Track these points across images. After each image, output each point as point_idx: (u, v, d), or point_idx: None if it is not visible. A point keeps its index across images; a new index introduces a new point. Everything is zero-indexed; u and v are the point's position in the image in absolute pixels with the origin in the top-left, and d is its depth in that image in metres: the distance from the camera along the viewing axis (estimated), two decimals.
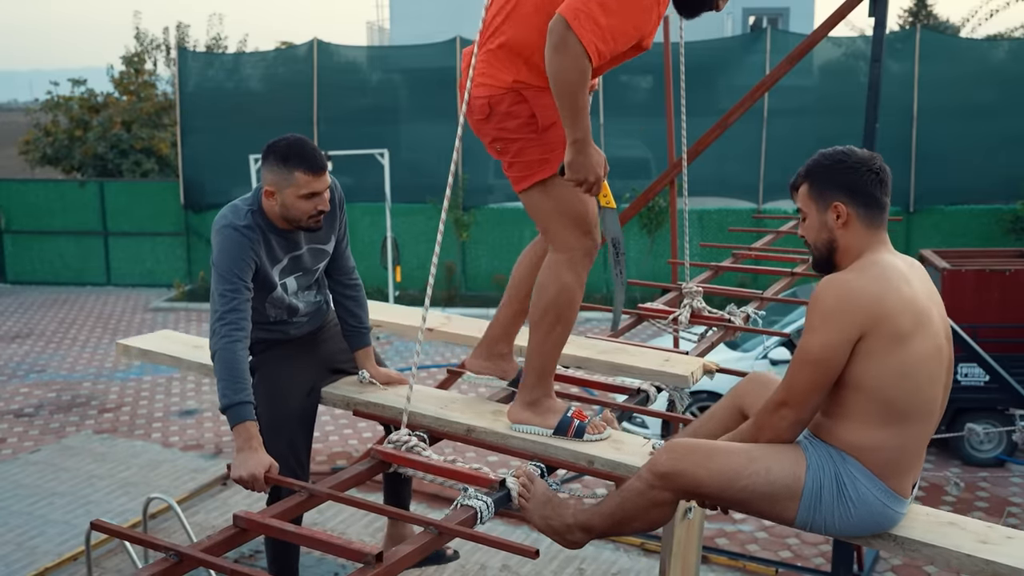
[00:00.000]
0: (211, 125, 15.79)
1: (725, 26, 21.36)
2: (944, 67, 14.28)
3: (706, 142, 6.12)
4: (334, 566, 6.27)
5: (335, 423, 9.42)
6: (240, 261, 2.78)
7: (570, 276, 2.68)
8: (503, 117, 2.59)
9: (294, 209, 2.82)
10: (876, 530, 2.31)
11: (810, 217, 2.41)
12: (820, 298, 2.25)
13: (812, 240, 2.42)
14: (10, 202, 16.39)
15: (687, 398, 3.36)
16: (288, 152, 2.78)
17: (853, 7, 5.80)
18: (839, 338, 2.20)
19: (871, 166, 2.35)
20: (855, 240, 2.34)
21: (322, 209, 2.85)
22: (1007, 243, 13.23)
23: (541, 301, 2.71)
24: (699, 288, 4.19)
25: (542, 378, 2.76)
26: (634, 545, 6.83)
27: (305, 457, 3.05)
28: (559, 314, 2.70)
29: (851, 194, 2.34)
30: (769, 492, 2.28)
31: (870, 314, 2.19)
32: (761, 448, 2.33)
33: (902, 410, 2.23)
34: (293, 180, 2.77)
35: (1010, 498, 7.91)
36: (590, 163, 2.49)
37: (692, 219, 12.49)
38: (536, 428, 2.73)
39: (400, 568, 2.19)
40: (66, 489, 7.59)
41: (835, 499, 2.27)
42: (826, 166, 2.38)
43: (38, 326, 13.78)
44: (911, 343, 2.21)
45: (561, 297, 2.68)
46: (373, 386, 3.13)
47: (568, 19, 2.33)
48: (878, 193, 2.35)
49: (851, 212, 2.33)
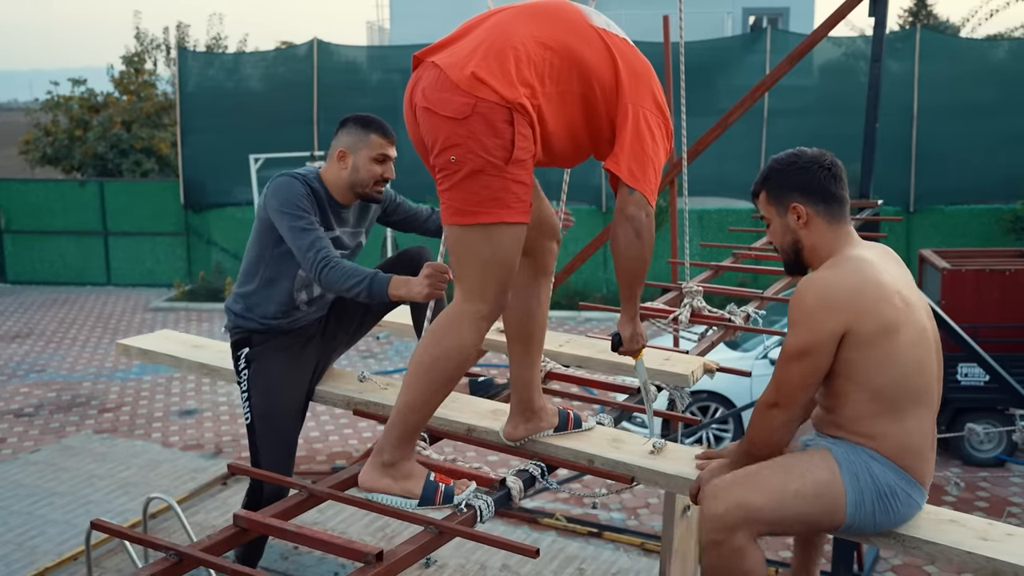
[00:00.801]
0: (211, 125, 15.79)
1: (725, 26, 21.37)
2: (944, 67, 14.28)
3: (706, 142, 6.11)
4: (334, 566, 6.27)
5: (335, 423, 9.42)
6: (302, 198, 2.94)
7: (472, 336, 2.36)
8: (484, 130, 2.23)
9: (364, 171, 3.03)
10: (900, 523, 2.32)
11: (773, 222, 2.45)
12: (800, 297, 2.27)
13: (778, 244, 2.46)
14: (10, 202, 16.40)
15: (687, 397, 3.36)
16: (368, 118, 3.08)
17: (853, 7, 5.80)
18: (823, 336, 2.23)
19: (822, 162, 2.39)
20: (819, 238, 2.38)
21: (388, 176, 3.08)
22: (1007, 243, 13.23)
23: (434, 350, 2.36)
24: (699, 287, 4.20)
25: (405, 439, 2.43)
26: (634, 545, 6.84)
27: (294, 448, 3.17)
28: (449, 373, 2.38)
29: (807, 193, 2.38)
30: (817, 492, 2.28)
31: (851, 309, 2.21)
32: (784, 458, 2.34)
33: (892, 398, 2.26)
34: (369, 141, 3.03)
35: (1010, 498, 7.91)
36: (643, 333, 2.62)
37: (692, 219, 12.48)
38: (398, 499, 2.43)
39: (400, 568, 2.19)
40: (66, 489, 7.59)
41: (874, 493, 2.27)
42: (779, 170, 2.42)
43: (38, 326, 13.78)
44: (896, 332, 2.24)
45: (456, 354, 2.36)
46: (373, 386, 3.14)
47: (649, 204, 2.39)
48: (833, 188, 2.38)
49: (810, 211, 2.37)
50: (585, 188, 14.66)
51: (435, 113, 2.27)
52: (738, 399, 8.67)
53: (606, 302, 13.28)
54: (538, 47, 2.31)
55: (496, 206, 2.27)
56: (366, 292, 2.80)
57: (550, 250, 2.65)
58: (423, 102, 2.30)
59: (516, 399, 2.71)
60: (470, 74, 2.23)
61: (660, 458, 2.64)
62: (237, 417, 9.73)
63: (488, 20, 2.41)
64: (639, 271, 2.50)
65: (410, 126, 2.42)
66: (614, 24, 2.50)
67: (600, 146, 2.49)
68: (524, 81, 2.26)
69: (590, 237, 6.85)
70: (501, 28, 2.34)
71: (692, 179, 4.62)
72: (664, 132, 2.48)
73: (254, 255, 3.10)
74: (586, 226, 13.68)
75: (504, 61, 2.26)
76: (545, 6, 2.43)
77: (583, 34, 2.38)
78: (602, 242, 6.29)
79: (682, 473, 2.56)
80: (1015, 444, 7.97)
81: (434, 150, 2.30)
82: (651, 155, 2.42)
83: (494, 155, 2.24)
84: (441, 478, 2.48)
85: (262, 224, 3.05)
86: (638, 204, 2.41)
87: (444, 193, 2.32)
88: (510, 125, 2.24)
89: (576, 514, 7.39)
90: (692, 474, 2.55)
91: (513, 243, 2.33)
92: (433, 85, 2.28)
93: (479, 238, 2.30)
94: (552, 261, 2.67)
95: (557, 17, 2.39)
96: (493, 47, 2.28)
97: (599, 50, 2.37)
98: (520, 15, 2.39)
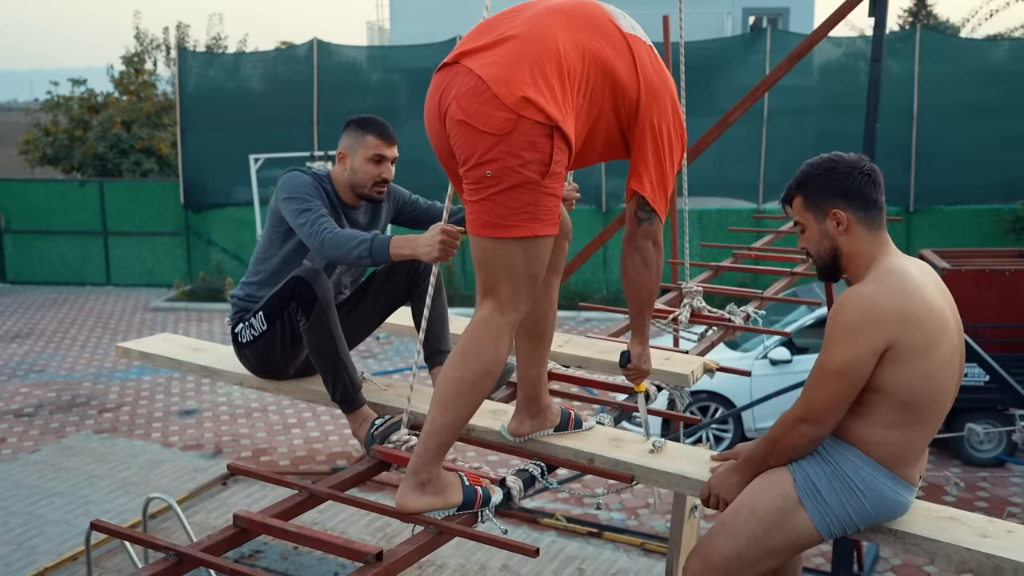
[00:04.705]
0: (211, 125, 15.79)
1: (725, 26, 21.37)
2: (944, 67, 14.28)
3: (706, 142, 6.11)
4: (334, 566, 6.27)
5: (335, 423, 9.42)
6: (309, 187, 2.98)
7: (507, 345, 2.34)
8: (524, 145, 2.17)
9: (361, 172, 3.06)
10: (891, 516, 2.32)
11: (809, 228, 2.39)
12: (843, 313, 2.22)
13: (814, 250, 2.40)
14: (10, 202, 16.40)
15: (687, 397, 3.36)
16: (365, 120, 3.11)
17: (853, 7, 5.80)
18: (864, 353, 2.19)
19: (861, 168, 2.34)
20: (859, 244, 2.33)
21: (386, 177, 3.09)
22: (1007, 243, 13.23)
23: (476, 366, 2.30)
24: (699, 288, 4.20)
25: (440, 456, 2.38)
26: (634, 545, 6.84)
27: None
28: (488, 386, 2.35)
29: (848, 199, 2.32)
30: (771, 523, 2.29)
31: (895, 327, 2.18)
32: (743, 495, 2.36)
33: (923, 412, 2.25)
34: (365, 142, 3.05)
35: (1010, 498, 7.91)
36: (649, 356, 2.70)
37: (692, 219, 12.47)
38: (442, 512, 2.40)
39: (400, 568, 2.20)
40: (66, 489, 7.59)
41: (838, 490, 2.27)
42: (817, 175, 2.36)
43: (38, 326, 13.78)
44: (935, 348, 2.21)
45: (496, 367, 2.33)
46: (373, 387, 3.14)
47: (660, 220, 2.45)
48: (873, 194, 2.34)
49: (850, 217, 2.32)
50: (585, 188, 14.66)
51: (472, 127, 2.19)
52: (738, 399, 8.68)
53: (606, 302, 13.29)
54: (579, 58, 2.26)
55: (529, 220, 2.23)
56: (367, 253, 2.76)
57: (562, 249, 2.67)
58: (459, 114, 2.21)
59: (523, 396, 2.72)
60: (520, 97, 2.15)
61: (660, 457, 2.65)
62: (237, 417, 9.73)
63: (522, 19, 2.29)
64: (648, 299, 2.56)
65: (434, 131, 2.33)
66: (639, 27, 2.47)
67: (612, 151, 2.50)
68: (568, 99, 2.24)
69: (590, 237, 6.84)
70: (541, 34, 2.25)
71: (692, 179, 4.62)
72: (680, 141, 2.50)
73: (263, 247, 3.16)
74: (586, 226, 13.67)
75: (549, 77, 2.19)
76: (579, 9, 2.36)
77: (614, 43, 2.35)
78: (602, 242, 6.28)
79: (682, 472, 2.56)
80: (1015, 444, 7.97)
81: (468, 163, 2.23)
82: (670, 170, 2.47)
83: (532, 170, 2.19)
84: (473, 479, 2.48)
85: (272, 217, 3.11)
86: (646, 234, 2.45)
87: (474, 204, 2.26)
88: (549, 140, 2.19)
89: (576, 514, 7.39)
90: (691, 472, 2.55)
91: (544, 255, 2.33)
92: (471, 96, 2.19)
93: (513, 251, 2.27)
94: (563, 259, 2.70)
95: (591, 22, 2.34)
96: (539, 60, 2.20)
97: (627, 62, 2.36)
98: (557, 16, 2.30)
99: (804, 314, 9.07)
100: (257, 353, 3.13)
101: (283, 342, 3.03)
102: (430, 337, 3.13)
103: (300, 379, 3.25)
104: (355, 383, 2.95)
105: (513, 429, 2.74)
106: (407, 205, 3.36)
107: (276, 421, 9.62)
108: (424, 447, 2.35)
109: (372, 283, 3.30)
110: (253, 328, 3.06)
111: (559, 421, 2.77)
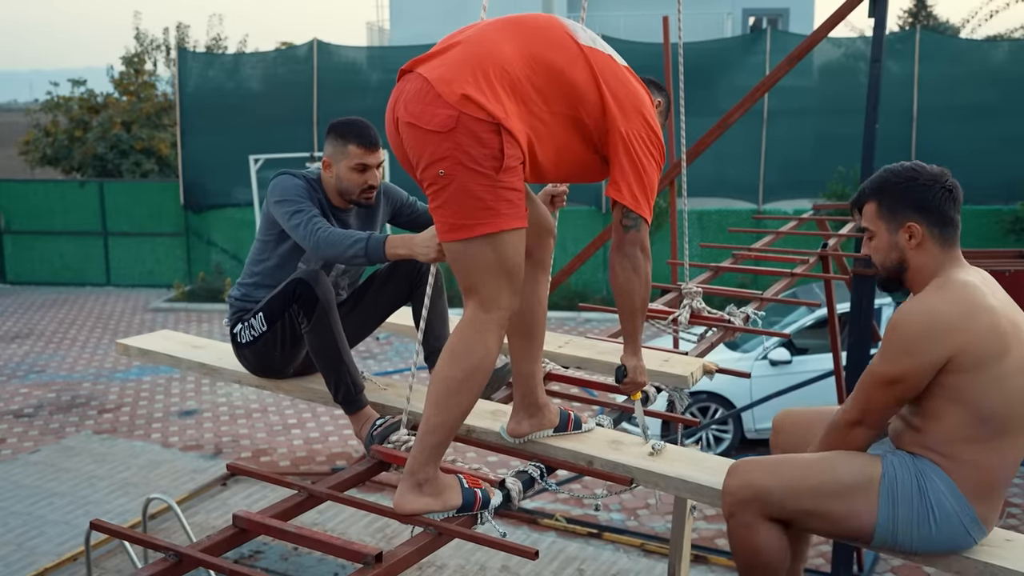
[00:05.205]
0: (211, 125, 15.80)
1: (725, 27, 21.39)
2: (944, 68, 14.29)
3: (706, 142, 6.12)
4: (334, 567, 6.27)
5: (335, 423, 9.42)
6: (299, 189, 2.96)
7: (495, 341, 2.34)
8: (470, 141, 2.19)
9: (346, 180, 3.02)
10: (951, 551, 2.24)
11: (878, 237, 2.32)
12: (905, 323, 2.18)
13: (880, 260, 2.34)
14: (10, 202, 16.40)
15: (687, 398, 3.36)
16: (345, 127, 3.02)
17: (853, 7, 5.80)
18: (924, 364, 2.16)
19: (944, 183, 2.27)
20: (929, 260, 2.27)
21: (372, 184, 3.04)
22: (1007, 243, 13.23)
23: (465, 364, 2.32)
24: (699, 288, 4.20)
25: (437, 455, 2.39)
26: (634, 546, 6.84)
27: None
28: (480, 383, 2.35)
29: (924, 213, 2.26)
30: (838, 491, 2.23)
31: (958, 337, 2.13)
32: (825, 455, 2.31)
33: (1002, 424, 2.17)
34: (347, 152, 2.99)
35: (1010, 499, 7.90)
36: (644, 368, 2.69)
37: (692, 219, 12.50)
38: (442, 515, 2.40)
39: (400, 569, 2.20)
40: (66, 489, 7.59)
41: (916, 508, 2.20)
42: (897, 183, 2.29)
43: (38, 326, 13.78)
44: (1006, 355, 2.16)
45: (486, 363, 2.34)
46: (373, 387, 3.14)
47: (646, 226, 2.44)
48: (952, 212, 2.27)
49: (925, 232, 2.25)
50: (585, 189, 14.64)
51: (418, 127, 2.23)
52: (738, 400, 8.68)
53: (605, 303, 13.28)
54: (524, 64, 2.29)
55: (491, 216, 2.25)
56: (363, 252, 2.74)
57: (547, 246, 2.66)
58: (406, 116, 2.26)
59: (520, 395, 2.71)
60: (461, 95, 2.19)
61: (659, 460, 2.64)
62: (237, 417, 9.74)
63: (473, 33, 2.37)
64: (640, 305, 2.54)
65: (394, 142, 2.36)
66: (600, 40, 2.48)
67: (591, 169, 2.49)
68: (510, 99, 2.26)
69: (590, 238, 6.84)
70: (486, 41, 2.31)
71: (692, 180, 4.62)
72: (657, 147, 2.48)
73: (257, 249, 3.16)
74: (586, 227, 13.67)
75: (491, 78, 2.24)
76: (531, 21, 2.41)
77: (568, 53, 2.36)
78: (602, 243, 6.29)
79: (681, 475, 2.55)
80: None
81: (420, 165, 2.27)
82: (649, 174, 2.45)
83: (483, 165, 2.21)
84: (472, 481, 2.48)
85: (265, 219, 3.10)
86: (633, 241, 2.44)
87: (437, 210, 2.28)
88: (496, 135, 2.21)
89: (576, 515, 7.39)
90: (690, 476, 2.54)
91: (516, 247, 2.32)
92: (416, 97, 2.25)
93: (481, 249, 2.28)
94: (549, 256, 2.68)
95: (542, 34, 2.37)
96: (482, 63, 2.25)
97: (583, 71, 2.36)
98: (507, 26, 2.37)
99: (804, 315, 9.08)
100: (256, 353, 3.13)
101: (283, 343, 3.03)
102: (430, 337, 3.13)
103: (300, 378, 3.25)
104: (357, 384, 2.95)
105: (512, 429, 2.74)
106: (404, 207, 3.34)
107: (276, 421, 9.62)
108: (420, 447, 2.37)
109: (372, 283, 3.30)
110: (252, 329, 3.06)
111: (558, 421, 2.76)
